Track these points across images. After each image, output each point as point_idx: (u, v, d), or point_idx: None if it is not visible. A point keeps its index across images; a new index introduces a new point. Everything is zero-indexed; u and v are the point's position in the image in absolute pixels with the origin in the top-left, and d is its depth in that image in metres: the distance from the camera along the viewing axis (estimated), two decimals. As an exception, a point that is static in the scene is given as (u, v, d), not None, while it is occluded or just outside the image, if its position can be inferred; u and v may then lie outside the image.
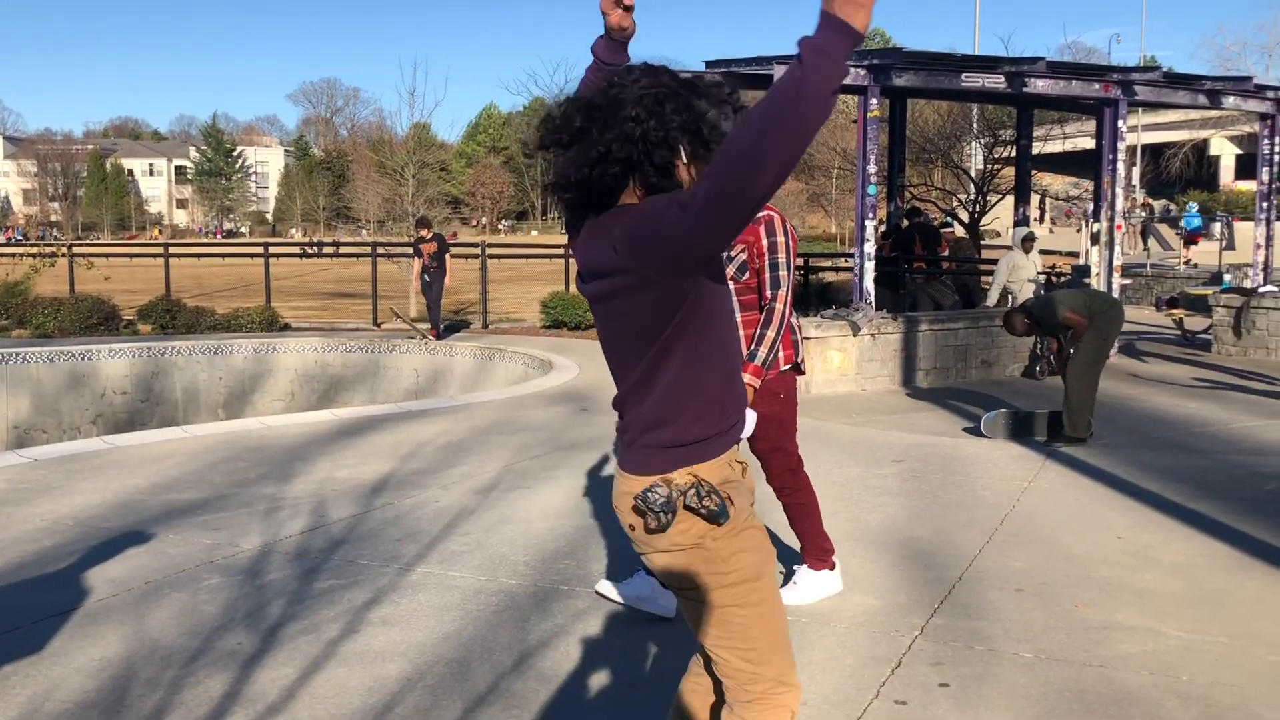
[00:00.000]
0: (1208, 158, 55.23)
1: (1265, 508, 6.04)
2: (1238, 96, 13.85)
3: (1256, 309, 13.04)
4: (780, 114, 1.80)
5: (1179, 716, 3.47)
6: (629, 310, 2.14)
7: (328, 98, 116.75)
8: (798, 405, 4.55)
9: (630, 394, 2.25)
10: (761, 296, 4.18)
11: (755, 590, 2.23)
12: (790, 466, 4.47)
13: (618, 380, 2.29)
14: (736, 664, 2.24)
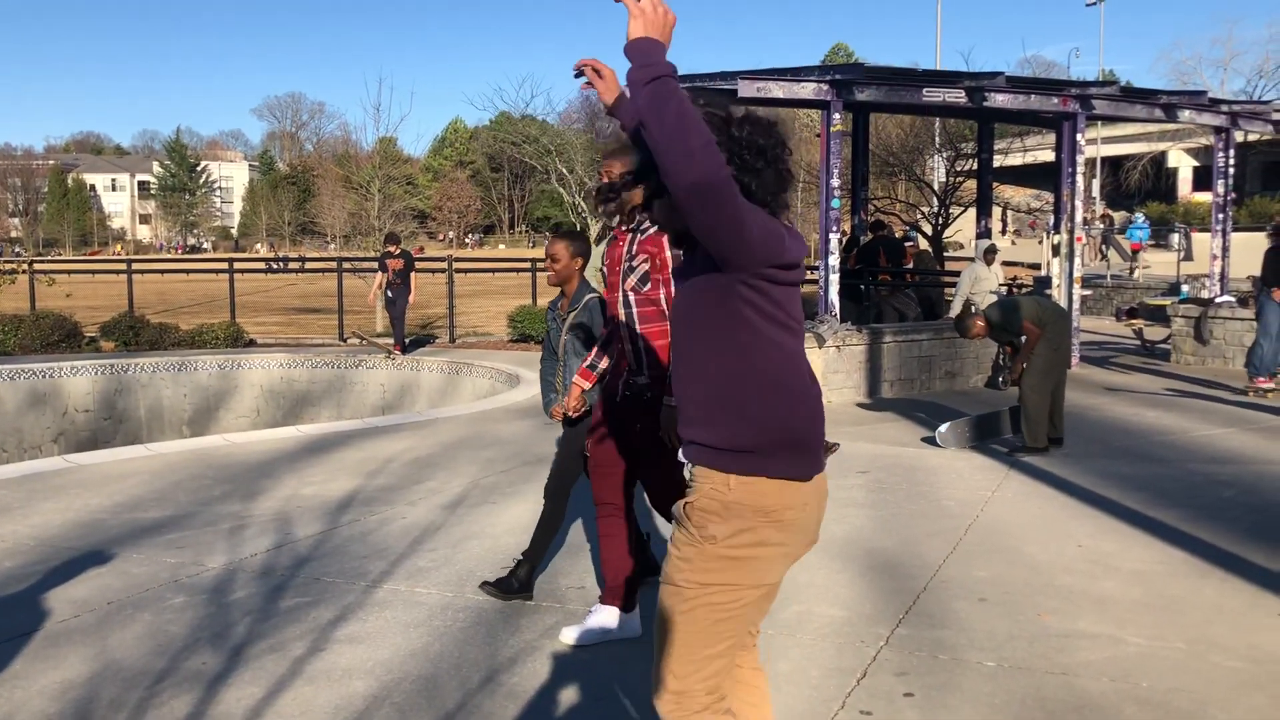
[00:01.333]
0: (1166, 170, 55.99)
1: (1222, 515, 6.14)
2: (1193, 110, 14.11)
3: (1214, 319, 13.25)
4: None
5: (1138, 722, 3.53)
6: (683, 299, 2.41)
7: (293, 112, 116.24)
8: None
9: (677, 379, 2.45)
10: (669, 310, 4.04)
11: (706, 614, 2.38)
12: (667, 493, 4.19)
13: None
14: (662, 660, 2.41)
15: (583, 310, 4.66)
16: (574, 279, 4.71)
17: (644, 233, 4.10)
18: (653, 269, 4.08)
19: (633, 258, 4.11)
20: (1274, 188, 48.41)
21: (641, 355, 4.12)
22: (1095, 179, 47.41)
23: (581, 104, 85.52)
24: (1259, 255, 11.34)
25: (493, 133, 62.11)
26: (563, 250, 4.65)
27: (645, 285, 4.09)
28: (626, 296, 4.11)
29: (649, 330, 4.11)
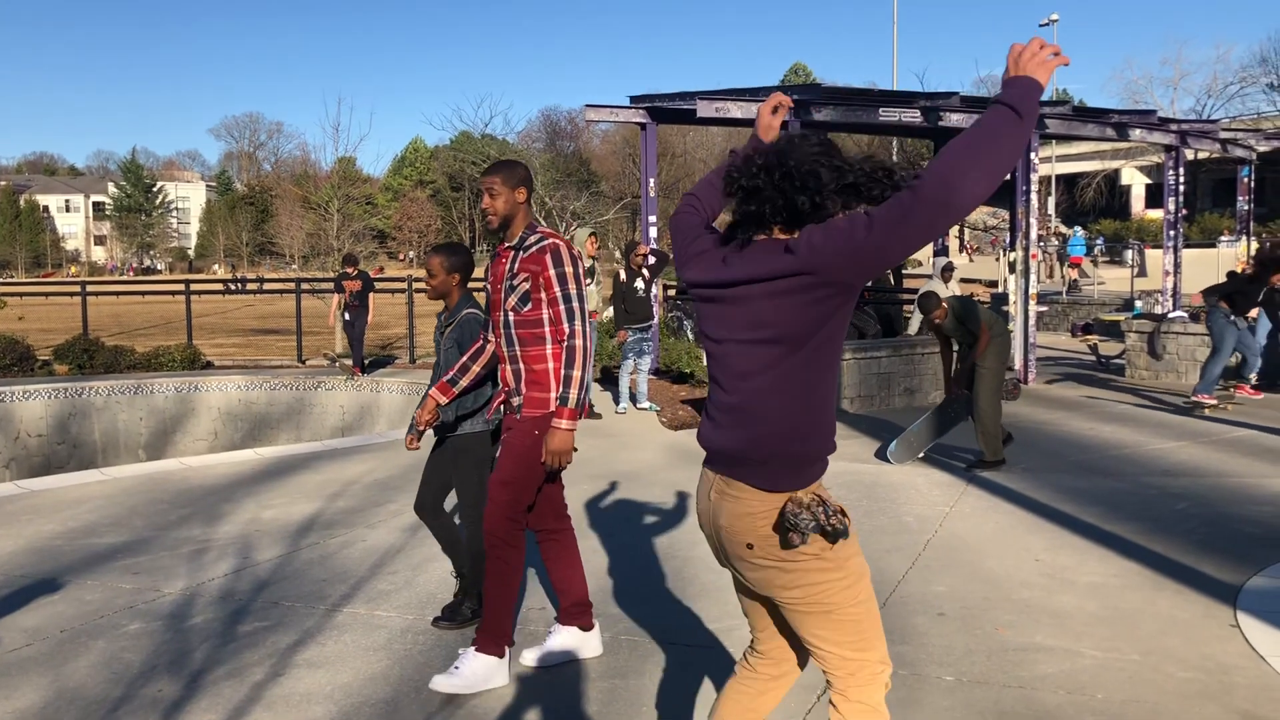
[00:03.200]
0: (1119, 187, 56.92)
1: (1175, 528, 6.24)
2: (1143, 129, 14.38)
3: (1167, 334, 13.47)
4: (983, 144, 2.11)
5: (1095, 734, 3.58)
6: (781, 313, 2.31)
7: (250, 132, 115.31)
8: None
9: (753, 401, 2.38)
10: (555, 330, 3.99)
11: (865, 588, 2.47)
12: (511, 515, 4.01)
13: (728, 389, 2.43)
14: (847, 654, 2.45)
15: (457, 325, 4.56)
16: (453, 293, 4.62)
17: (526, 250, 4.00)
18: (534, 288, 3.96)
19: (514, 276, 4.00)
20: (1224, 204, 49.29)
21: (520, 376, 4.02)
22: (1051, 196, 48.11)
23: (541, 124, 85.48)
24: (1211, 270, 11.56)
25: (453, 152, 62.08)
26: (438, 265, 4.57)
27: (525, 305, 3.97)
28: (507, 316, 4.02)
29: (528, 353, 4.01)
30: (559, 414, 3.91)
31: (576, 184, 32.79)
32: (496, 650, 4.03)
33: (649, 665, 4.23)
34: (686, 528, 6.40)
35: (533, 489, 4.04)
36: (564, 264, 3.97)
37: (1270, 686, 3.92)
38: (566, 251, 4.00)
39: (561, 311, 3.96)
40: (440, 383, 4.38)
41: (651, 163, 14.01)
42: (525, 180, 4.12)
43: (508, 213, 4.05)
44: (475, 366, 4.37)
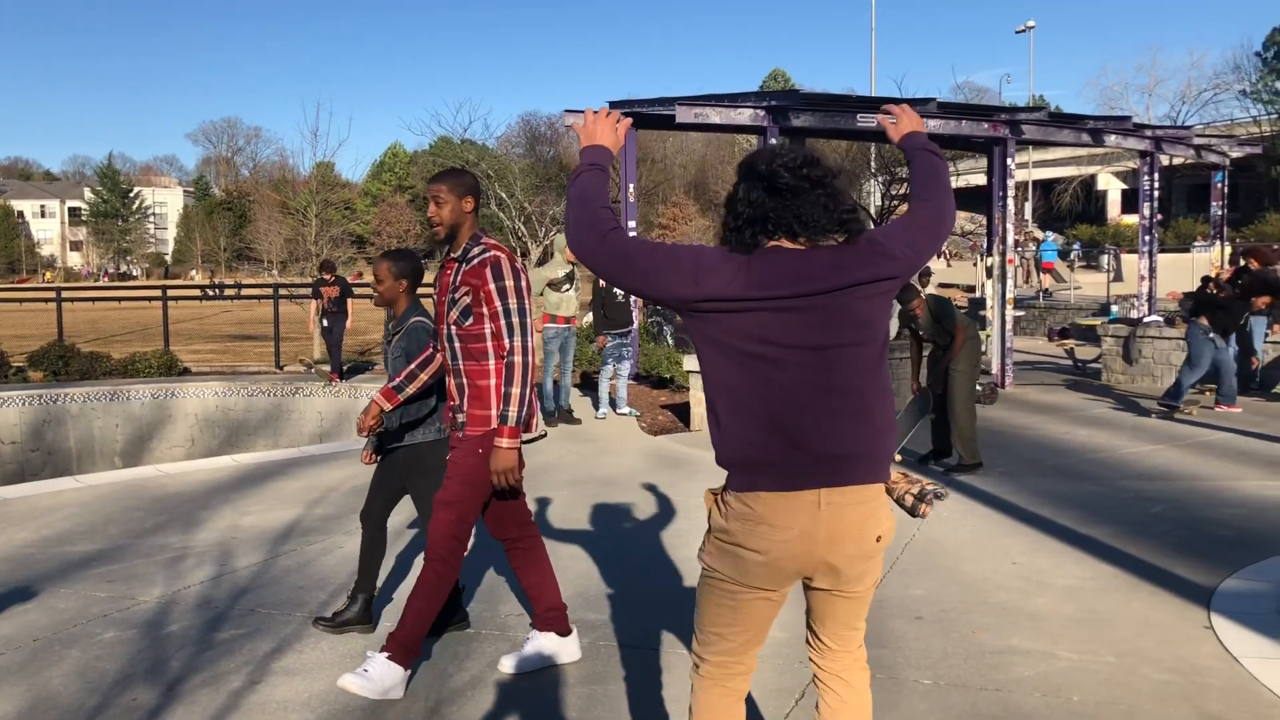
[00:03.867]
0: (1095, 193, 57.35)
1: (1150, 530, 6.29)
2: (1118, 135, 14.51)
3: (1142, 338, 13.58)
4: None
5: (1070, 735, 3.60)
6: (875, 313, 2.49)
7: (228, 137, 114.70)
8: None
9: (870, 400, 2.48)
10: (498, 345, 3.90)
11: None
12: (455, 534, 3.95)
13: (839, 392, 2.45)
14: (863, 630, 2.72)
15: (406, 333, 4.51)
16: (400, 300, 4.56)
17: (469, 263, 3.91)
18: (475, 303, 3.87)
19: (456, 289, 3.92)
20: (1199, 210, 49.76)
21: (464, 391, 3.95)
22: (1028, 202, 48.43)
23: (521, 129, 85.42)
24: (1186, 275, 11.67)
25: (432, 157, 61.95)
26: (385, 271, 4.52)
27: (467, 320, 3.89)
28: (450, 330, 3.95)
29: (471, 367, 3.93)
30: (500, 432, 3.84)
31: (556, 189, 32.81)
32: (405, 661, 3.96)
33: (627, 671, 4.24)
34: (666, 533, 6.41)
35: (478, 507, 3.99)
36: (504, 278, 3.87)
37: (1243, 688, 3.96)
38: (508, 265, 3.90)
39: (502, 326, 3.87)
40: (386, 388, 4.31)
41: (631, 168, 14.04)
42: (473, 189, 4.04)
43: (454, 222, 3.96)
44: (423, 375, 4.30)
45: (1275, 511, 6.65)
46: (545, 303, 10.62)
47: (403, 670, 3.95)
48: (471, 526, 4.01)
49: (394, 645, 3.95)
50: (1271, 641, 4.40)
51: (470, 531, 4.02)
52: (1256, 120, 52.68)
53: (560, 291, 10.56)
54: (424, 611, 3.96)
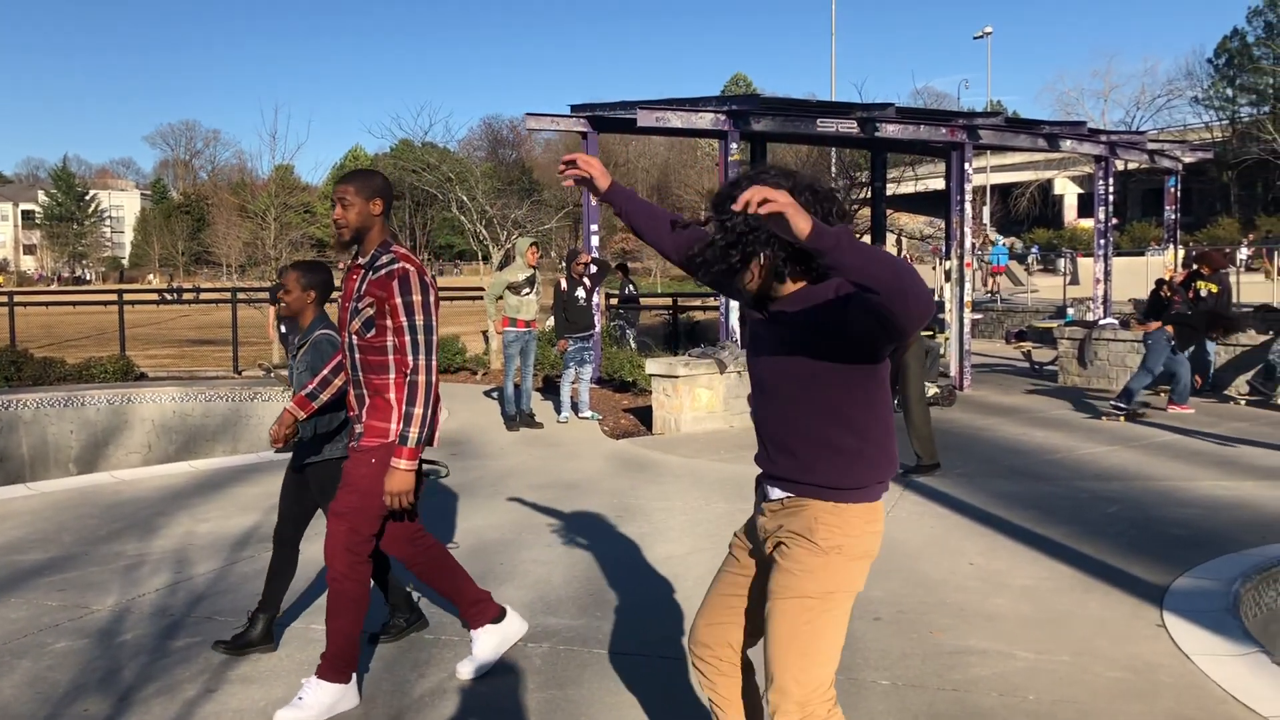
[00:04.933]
0: (1052, 197, 58.09)
1: (1106, 530, 6.37)
2: (1074, 140, 14.69)
3: (1098, 340, 13.76)
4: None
5: (1026, 734, 3.64)
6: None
7: (186, 140, 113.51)
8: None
9: None
10: (400, 360, 3.76)
11: None
12: (351, 547, 3.83)
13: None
14: None
15: (311, 347, 4.37)
16: (307, 311, 4.44)
17: (376, 272, 3.76)
18: (378, 315, 3.73)
19: (360, 298, 3.77)
20: (1153, 213, 50.52)
21: (364, 403, 3.83)
22: (986, 206, 48.96)
23: (483, 132, 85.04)
24: (1140, 278, 11.84)
25: (394, 160, 61.63)
26: (293, 281, 4.40)
27: (369, 331, 3.75)
28: (351, 339, 3.82)
29: (371, 380, 3.80)
30: (398, 453, 3.70)
31: (518, 192, 32.72)
32: (341, 677, 3.86)
33: (587, 675, 4.23)
34: (628, 537, 6.41)
35: (373, 520, 3.85)
36: (412, 292, 3.71)
37: (1195, 685, 4.02)
38: (417, 278, 3.74)
39: (406, 343, 3.72)
40: (299, 396, 4.16)
41: (592, 172, 14.01)
42: (382, 191, 3.85)
43: (360, 225, 3.79)
44: (337, 381, 4.14)
45: (1227, 511, 6.76)
46: (505, 306, 10.60)
47: (341, 685, 3.86)
48: (368, 539, 3.87)
49: (325, 666, 3.86)
50: (1222, 639, 4.47)
51: (368, 544, 3.87)
52: (1209, 126, 53.63)
53: (520, 295, 10.53)
54: (344, 629, 3.85)
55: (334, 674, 3.85)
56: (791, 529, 2.62)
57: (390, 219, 3.90)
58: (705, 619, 2.85)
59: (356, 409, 3.87)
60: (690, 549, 6.08)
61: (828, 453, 2.59)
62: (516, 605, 5.09)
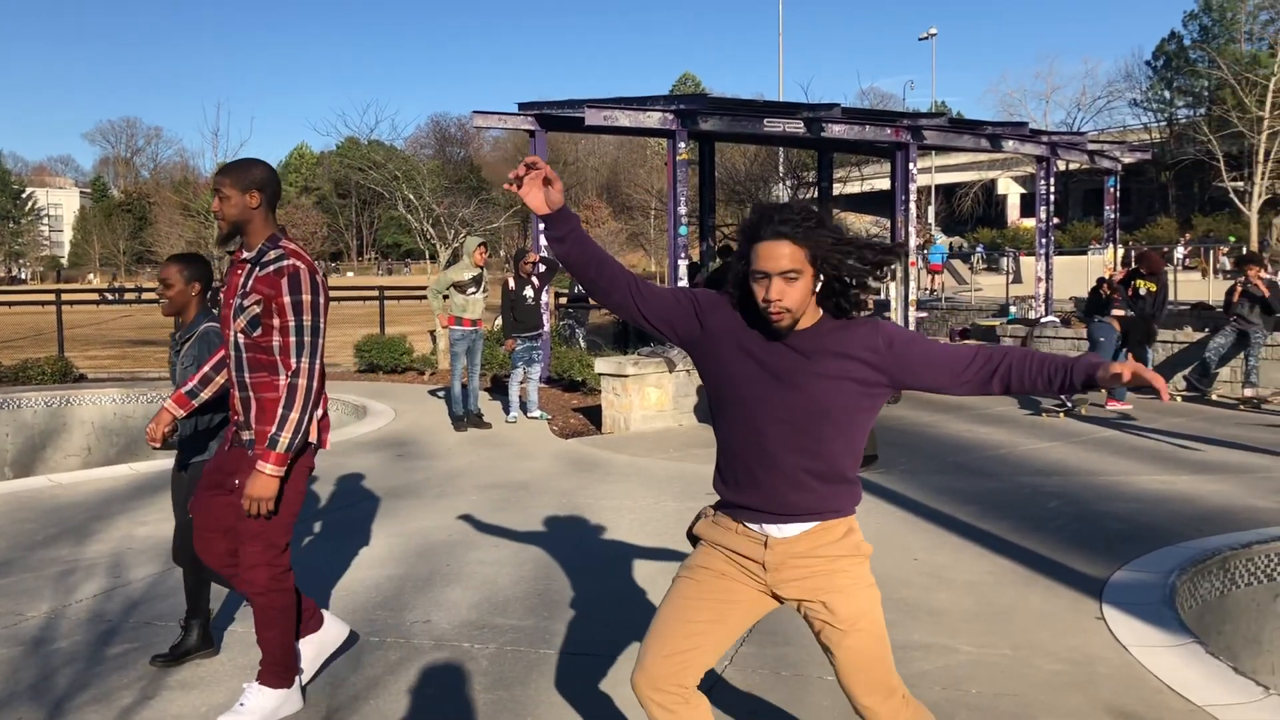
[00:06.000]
0: (996, 197, 58.92)
1: (1048, 525, 6.47)
2: (1016, 140, 14.90)
3: (1039, 338, 13.97)
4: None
5: (969, 727, 3.68)
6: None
7: (127, 137, 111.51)
8: (303, 492, 3.78)
9: None
10: (287, 361, 3.59)
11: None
12: (270, 561, 3.68)
13: None
14: None
15: (197, 340, 4.20)
16: (191, 305, 4.27)
17: (263, 268, 3.59)
18: (265, 313, 3.56)
19: (246, 294, 3.58)
20: (1094, 213, 51.43)
21: (250, 405, 3.66)
22: (931, 206, 49.50)
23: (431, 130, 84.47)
24: (1081, 276, 12.03)
25: (340, 158, 61.10)
26: (175, 274, 4.22)
27: (255, 330, 3.58)
28: (236, 338, 3.63)
29: (258, 381, 3.63)
30: (265, 456, 3.52)
31: (466, 190, 32.54)
32: (283, 682, 3.79)
33: (534, 675, 4.22)
34: (577, 536, 6.40)
35: (286, 529, 3.71)
36: (301, 291, 3.55)
37: (1132, 676, 4.09)
38: (308, 276, 3.57)
39: (291, 344, 3.56)
40: (178, 393, 3.96)
41: (540, 170, 13.97)
42: (261, 183, 3.65)
43: (238, 218, 3.62)
44: (219, 377, 3.95)
45: (1164, 505, 6.89)
46: (452, 304, 10.53)
47: (283, 689, 3.80)
48: (285, 547, 3.73)
49: (265, 672, 3.78)
50: (1158, 631, 4.55)
51: (285, 553, 3.74)
52: (1147, 127, 54.69)
53: (466, 294, 10.47)
54: (277, 639, 3.76)
55: (275, 679, 3.79)
56: (823, 553, 2.64)
57: (273, 211, 3.69)
58: (662, 649, 2.64)
59: (242, 413, 3.70)
60: (639, 547, 6.08)
61: (845, 486, 2.65)
62: (462, 606, 5.07)
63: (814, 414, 2.56)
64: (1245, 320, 11.67)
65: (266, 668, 3.79)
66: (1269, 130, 35.86)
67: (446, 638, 4.66)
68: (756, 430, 2.60)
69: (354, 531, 6.64)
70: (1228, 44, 50.88)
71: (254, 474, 3.52)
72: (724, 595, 2.69)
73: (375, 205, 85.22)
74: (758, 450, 2.60)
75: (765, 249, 2.51)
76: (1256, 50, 48.76)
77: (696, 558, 2.77)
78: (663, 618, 2.69)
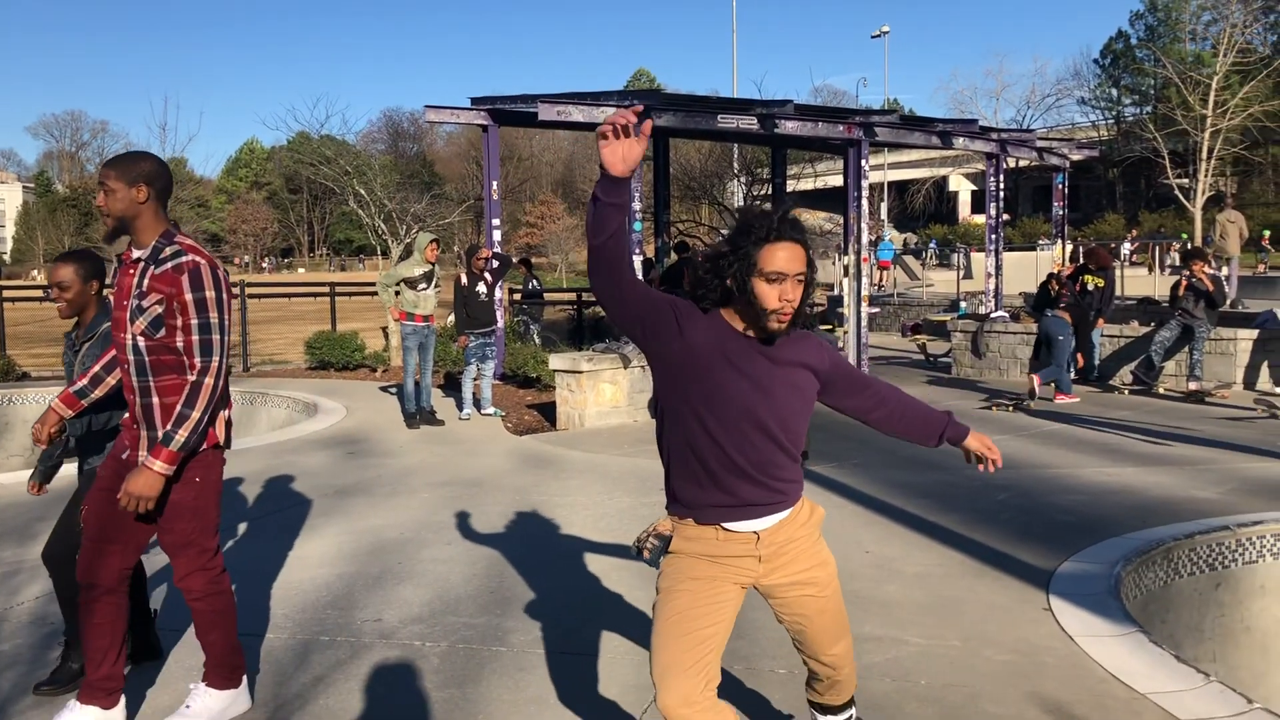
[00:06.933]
0: (947, 193, 59.55)
1: (996, 517, 6.55)
2: (966, 137, 15.05)
3: (989, 333, 14.13)
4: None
5: (919, 718, 3.72)
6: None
7: (72, 131, 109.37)
8: (220, 491, 3.70)
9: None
10: (189, 360, 3.45)
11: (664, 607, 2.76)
12: (203, 566, 3.60)
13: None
14: None
15: (100, 338, 4.03)
16: (91, 305, 4.10)
17: (160, 265, 3.43)
18: (167, 313, 3.40)
19: (144, 295, 3.41)
20: (1044, 209, 52.16)
21: (153, 412, 3.48)
22: (884, 202, 49.89)
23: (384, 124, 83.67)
24: (1030, 272, 12.21)
25: (290, 153, 60.40)
26: (71, 275, 4.03)
27: (159, 331, 3.41)
28: (135, 341, 3.44)
29: (164, 384, 3.46)
30: (156, 451, 3.36)
31: (419, 186, 32.32)
32: (229, 683, 3.75)
33: (487, 673, 4.20)
34: (530, 533, 6.38)
35: (212, 532, 3.63)
36: (204, 287, 3.41)
37: (1078, 665, 4.15)
38: (209, 272, 3.43)
39: (195, 343, 3.41)
40: (66, 393, 3.81)
41: (494, 165, 13.93)
42: (149, 176, 3.48)
43: (124, 213, 3.45)
44: (110, 378, 3.82)
45: (1111, 497, 7.00)
46: (403, 301, 10.45)
47: (231, 690, 3.75)
48: (216, 549, 3.65)
49: (210, 674, 3.73)
50: (1103, 620, 4.62)
51: (217, 555, 3.66)
52: (1095, 125, 55.53)
53: (417, 290, 10.39)
54: (219, 641, 3.69)
55: (221, 680, 3.74)
56: (799, 534, 2.84)
57: (164, 207, 3.53)
58: (682, 666, 2.62)
59: (143, 420, 3.51)
60: (593, 543, 6.07)
61: (798, 471, 2.84)
62: (414, 604, 5.04)
63: (787, 417, 2.71)
64: (1190, 314, 11.88)
65: (212, 669, 3.74)
66: (1212, 128, 36.56)
67: (397, 636, 4.63)
68: (743, 435, 2.67)
69: (304, 530, 6.57)
70: (1172, 43, 51.80)
71: (140, 469, 3.36)
72: (715, 599, 2.74)
73: (327, 201, 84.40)
74: (744, 455, 2.68)
75: (787, 250, 2.57)
76: (1200, 50, 49.70)
77: (678, 569, 2.78)
78: (669, 636, 2.68)
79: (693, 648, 2.65)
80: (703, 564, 2.76)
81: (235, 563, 5.83)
